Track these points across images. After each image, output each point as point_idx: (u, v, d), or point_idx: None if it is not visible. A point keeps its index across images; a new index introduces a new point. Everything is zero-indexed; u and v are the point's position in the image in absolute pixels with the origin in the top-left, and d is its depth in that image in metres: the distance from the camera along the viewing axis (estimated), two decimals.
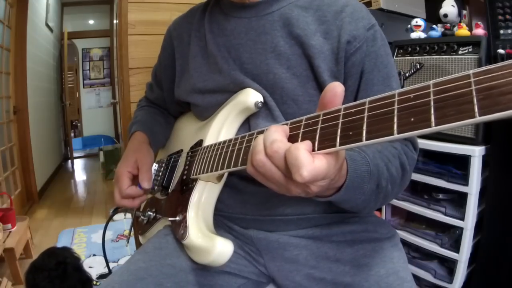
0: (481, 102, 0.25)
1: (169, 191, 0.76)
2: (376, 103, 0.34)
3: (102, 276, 1.96)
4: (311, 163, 0.36)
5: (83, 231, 2.63)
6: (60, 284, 1.51)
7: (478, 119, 0.25)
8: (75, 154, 5.37)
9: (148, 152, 0.77)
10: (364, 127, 0.34)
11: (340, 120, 0.37)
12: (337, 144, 0.36)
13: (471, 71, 0.27)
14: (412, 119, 0.30)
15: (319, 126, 0.39)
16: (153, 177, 0.75)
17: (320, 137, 0.38)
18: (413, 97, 0.30)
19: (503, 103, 0.24)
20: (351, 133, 0.35)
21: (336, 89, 0.39)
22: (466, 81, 0.27)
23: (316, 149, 0.38)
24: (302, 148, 0.37)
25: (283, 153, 0.39)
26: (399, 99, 0.32)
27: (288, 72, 0.64)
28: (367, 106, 0.35)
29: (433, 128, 0.28)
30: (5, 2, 2.86)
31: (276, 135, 0.40)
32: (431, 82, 0.30)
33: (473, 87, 0.26)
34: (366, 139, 0.33)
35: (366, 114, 0.34)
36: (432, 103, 0.29)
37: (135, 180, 0.73)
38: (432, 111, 0.28)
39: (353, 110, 0.36)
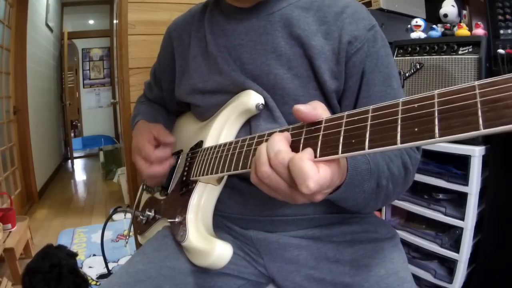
0: (486, 115, 0.25)
1: (169, 191, 0.75)
2: (380, 112, 0.34)
3: (102, 276, 1.96)
4: (317, 173, 0.36)
5: (83, 231, 2.63)
6: (56, 286, 1.51)
7: (483, 131, 0.25)
8: (75, 154, 5.37)
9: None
10: (367, 136, 0.33)
11: (343, 128, 0.37)
12: (339, 152, 0.36)
13: (476, 83, 0.27)
14: (416, 129, 0.29)
15: (321, 133, 0.39)
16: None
17: (322, 144, 0.38)
18: (417, 106, 0.30)
19: (508, 116, 0.24)
20: (353, 141, 0.35)
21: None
22: (471, 93, 0.27)
23: (317, 156, 0.38)
24: (306, 159, 0.37)
25: (288, 163, 0.38)
26: (403, 108, 0.32)
27: (289, 72, 0.63)
28: (370, 114, 0.35)
29: (437, 139, 0.28)
30: (5, 2, 2.86)
31: (280, 145, 0.40)
32: (436, 92, 0.30)
33: (478, 99, 0.26)
34: (369, 148, 0.33)
35: (369, 122, 0.34)
36: (436, 113, 0.28)
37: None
38: (436, 122, 0.28)
39: (356, 118, 0.36)
